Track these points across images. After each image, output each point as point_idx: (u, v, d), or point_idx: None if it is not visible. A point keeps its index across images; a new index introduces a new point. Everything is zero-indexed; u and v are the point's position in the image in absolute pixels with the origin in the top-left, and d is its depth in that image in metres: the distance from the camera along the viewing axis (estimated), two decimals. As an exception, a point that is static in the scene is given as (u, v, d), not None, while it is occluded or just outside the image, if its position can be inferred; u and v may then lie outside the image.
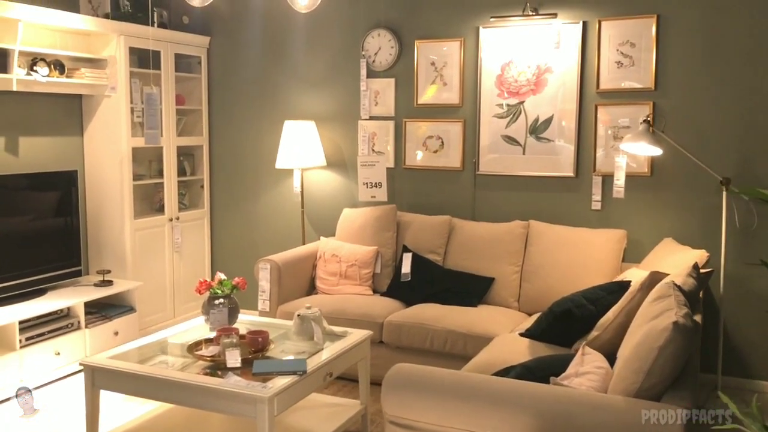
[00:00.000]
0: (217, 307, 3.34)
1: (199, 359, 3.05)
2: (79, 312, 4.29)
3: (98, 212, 4.82)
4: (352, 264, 4.47)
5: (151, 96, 2.98)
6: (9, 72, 4.02)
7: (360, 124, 4.92)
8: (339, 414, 3.26)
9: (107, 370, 2.92)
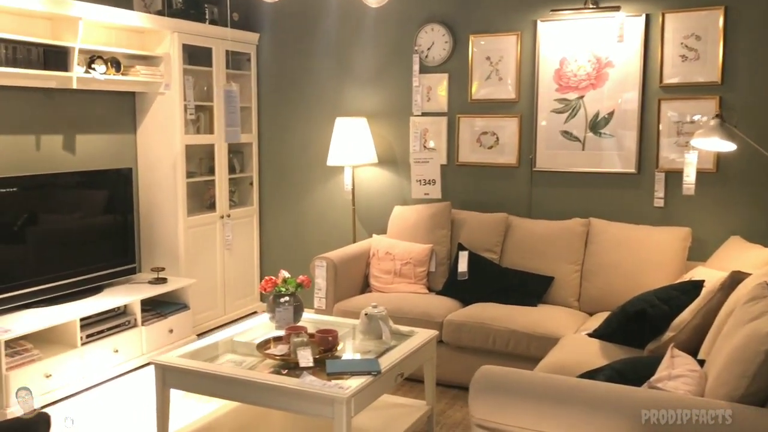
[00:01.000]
0: (283, 305, 3.31)
1: (268, 358, 3.02)
2: (136, 309, 4.30)
3: (151, 210, 4.82)
4: (407, 262, 4.42)
5: (231, 93, 2.96)
6: (69, 70, 4.03)
7: (412, 121, 4.86)
8: (406, 415, 3.21)
9: (179, 369, 2.90)
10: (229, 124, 2.92)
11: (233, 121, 2.91)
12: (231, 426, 3.12)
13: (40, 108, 4.17)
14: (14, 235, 3.88)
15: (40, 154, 4.20)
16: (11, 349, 3.62)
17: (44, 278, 4.02)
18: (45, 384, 3.70)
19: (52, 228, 4.15)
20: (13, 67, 3.75)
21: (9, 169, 3.97)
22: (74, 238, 4.26)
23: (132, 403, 3.79)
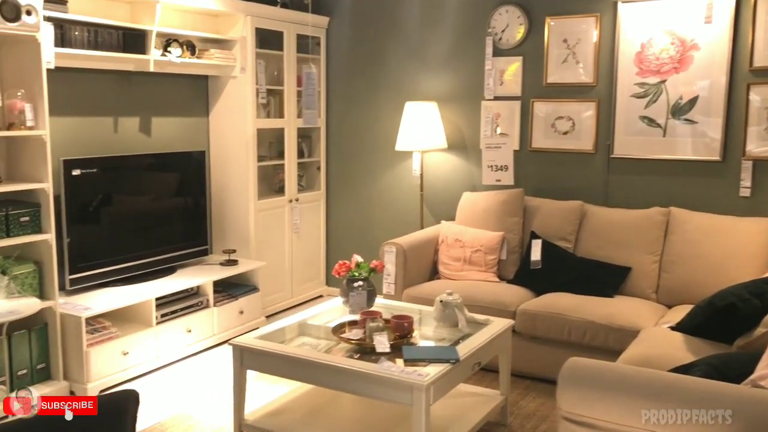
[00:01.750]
0: (357, 290, 3.29)
1: (343, 342, 3.01)
2: (208, 290, 4.35)
3: (222, 192, 4.87)
4: (477, 249, 4.35)
5: (310, 75, 2.94)
6: (147, 53, 4.08)
7: (483, 105, 4.77)
8: (480, 404, 3.16)
9: (256, 351, 2.91)
10: (308, 106, 2.90)
11: (311, 103, 2.88)
12: (304, 408, 3.13)
13: (118, 90, 4.25)
14: (94, 215, 3.97)
15: (118, 136, 4.28)
16: (90, 326, 3.71)
17: (121, 258, 4.11)
18: (122, 361, 3.78)
19: (129, 209, 4.24)
20: (94, 50, 3.82)
21: (89, 150, 4.06)
22: (149, 219, 4.34)
23: (206, 382, 3.84)
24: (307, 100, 2.92)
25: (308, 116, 2.91)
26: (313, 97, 2.94)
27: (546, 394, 3.68)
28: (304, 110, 2.98)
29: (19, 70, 3.48)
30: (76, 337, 3.59)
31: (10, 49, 3.49)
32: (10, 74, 3.49)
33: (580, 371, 2.21)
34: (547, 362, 3.77)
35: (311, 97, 2.92)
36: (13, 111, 3.39)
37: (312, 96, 2.93)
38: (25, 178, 3.56)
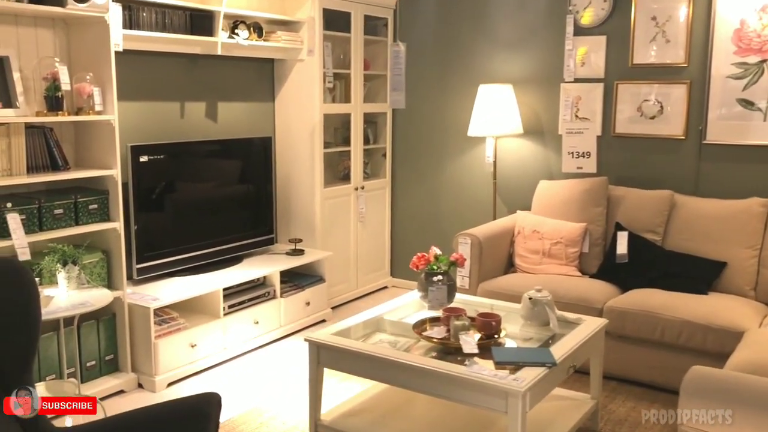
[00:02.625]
0: (436, 285, 3.09)
1: (425, 340, 2.81)
2: (275, 281, 4.22)
3: (287, 180, 4.73)
4: (557, 242, 4.09)
5: (398, 54, 2.74)
6: (214, 35, 3.94)
7: (563, 88, 4.49)
8: (572, 409, 2.94)
9: (334, 348, 2.74)
10: (395, 87, 2.70)
11: (399, 85, 2.68)
12: (381, 409, 2.95)
13: (184, 74, 4.13)
14: (160, 203, 3.86)
15: (183, 122, 4.17)
16: (158, 317, 3.61)
17: (187, 247, 4.00)
18: (190, 354, 3.68)
19: (195, 197, 4.12)
20: (161, 32, 3.70)
21: (155, 136, 3.95)
22: (215, 207, 4.22)
23: (276, 377, 3.71)
24: (394, 81, 2.73)
25: (395, 98, 2.71)
26: (400, 78, 2.75)
27: (635, 398, 3.43)
28: (390, 92, 2.79)
29: (88, 53, 3.37)
30: (145, 329, 3.49)
31: (79, 31, 3.39)
32: (78, 57, 3.40)
33: (707, 382, 1.97)
34: (637, 363, 3.52)
35: (398, 77, 2.73)
36: (82, 95, 3.29)
37: (399, 77, 2.74)
38: (92, 165, 3.46)
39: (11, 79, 3.14)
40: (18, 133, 3.12)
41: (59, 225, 3.24)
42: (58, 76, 3.17)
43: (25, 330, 1.91)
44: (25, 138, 3.15)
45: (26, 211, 3.10)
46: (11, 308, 1.90)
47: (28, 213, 3.10)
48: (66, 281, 2.94)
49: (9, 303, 1.89)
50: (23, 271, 1.92)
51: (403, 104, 2.87)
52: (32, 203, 3.14)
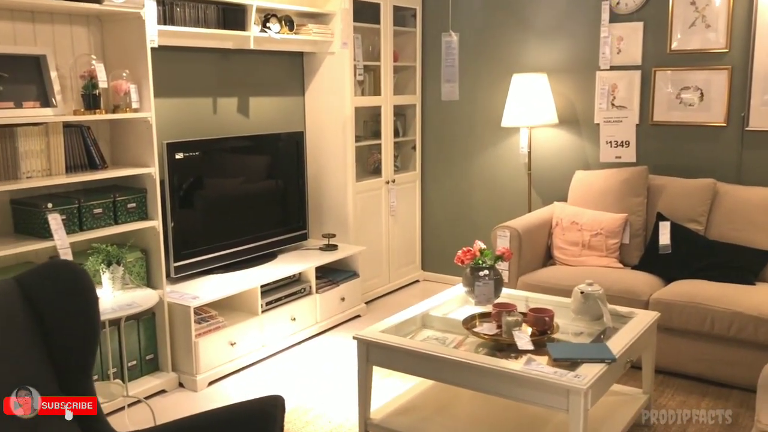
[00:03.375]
0: (483, 279, 3.03)
1: (475, 336, 2.76)
2: (311, 277, 4.18)
3: (319, 174, 4.68)
4: (597, 233, 4.02)
5: (450, 44, 2.68)
6: (246, 29, 3.89)
7: (598, 76, 4.40)
8: (625, 404, 2.88)
9: (386, 346, 2.69)
10: (447, 78, 2.64)
11: (452, 75, 2.62)
12: (431, 406, 2.91)
13: (216, 70, 4.08)
14: (195, 200, 3.82)
15: (216, 118, 4.12)
16: (198, 316, 3.58)
17: (222, 244, 3.96)
18: (230, 352, 3.64)
19: (229, 193, 4.08)
20: (196, 27, 3.65)
21: (189, 132, 3.91)
22: (249, 203, 4.18)
23: (318, 374, 3.67)
24: (446, 71, 2.67)
25: (447, 90, 2.66)
26: (453, 69, 2.69)
27: (685, 391, 3.36)
28: (443, 83, 2.73)
29: (123, 50, 3.33)
30: (185, 327, 3.46)
31: (114, 27, 3.34)
32: (113, 54, 3.35)
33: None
34: (684, 356, 3.45)
35: (451, 68, 2.67)
36: (119, 93, 3.25)
37: (452, 67, 2.67)
38: (129, 163, 3.43)
39: (48, 78, 3.11)
40: (56, 133, 3.09)
41: (99, 224, 3.20)
42: (95, 73, 3.13)
43: (86, 335, 1.87)
44: (63, 137, 3.12)
45: (66, 211, 3.07)
46: (71, 313, 1.86)
47: (68, 213, 3.07)
48: (111, 282, 2.91)
49: (69, 308, 1.86)
50: (82, 274, 1.89)
51: (457, 95, 2.81)
52: (72, 203, 3.10)
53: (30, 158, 3.00)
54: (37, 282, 1.86)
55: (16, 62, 3.03)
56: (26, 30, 3.10)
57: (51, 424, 1.78)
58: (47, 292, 1.85)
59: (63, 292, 1.86)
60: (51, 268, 1.90)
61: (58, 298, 1.85)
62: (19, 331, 1.79)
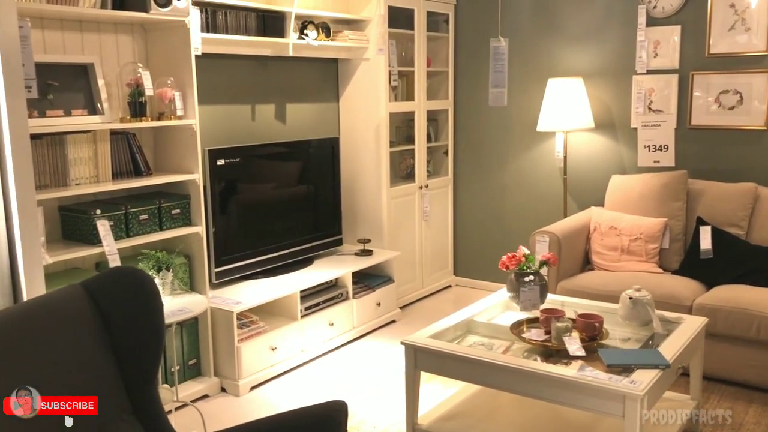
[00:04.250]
0: (528, 285, 3.02)
1: (524, 342, 2.76)
2: (347, 282, 4.19)
3: (353, 180, 4.69)
4: (636, 238, 4.00)
5: (499, 49, 2.68)
6: (285, 36, 3.92)
7: (635, 80, 4.38)
8: (675, 410, 2.85)
9: (434, 352, 2.69)
10: (495, 84, 2.63)
11: (499, 81, 2.61)
12: (479, 412, 2.90)
13: (254, 77, 4.11)
14: (235, 206, 3.84)
15: (254, 124, 4.15)
16: (239, 321, 3.60)
17: (261, 249, 3.98)
18: (271, 357, 3.66)
19: (267, 199, 4.11)
20: (236, 35, 3.68)
21: (228, 139, 3.94)
22: (286, 209, 4.20)
23: (359, 379, 3.68)
24: (494, 77, 2.67)
25: (495, 95, 2.66)
26: (501, 74, 2.69)
27: (731, 398, 3.33)
28: (490, 89, 2.73)
29: (167, 58, 3.37)
30: (227, 332, 3.48)
31: (158, 36, 3.38)
32: (157, 62, 3.39)
33: None
34: (730, 362, 3.42)
35: (500, 74, 2.67)
36: (164, 100, 3.28)
37: (501, 73, 2.68)
38: (172, 169, 3.46)
39: (96, 86, 3.15)
40: (104, 140, 3.13)
41: (144, 230, 3.24)
42: (142, 81, 3.17)
43: (152, 340, 1.89)
44: (110, 144, 3.16)
45: (114, 217, 3.10)
46: (138, 319, 1.88)
47: (115, 219, 3.11)
48: (161, 288, 2.91)
49: (136, 314, 1.88)
50: (148, 280, 1.90)
51: (505, 101, 2.80)
52: (119, 209, 3.14)
53: (78, 165, 3.04)
54: (104, 288, 1.88)
55: (65, 71, 3.08)
56: (74, 39, 3.15)
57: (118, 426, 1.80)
58: (114, 298, 1.87)
59: (130, 298, 1.88)
60: (117, 275, 1.92)
61: (125, 304, 1.87)
62: (89, 336, 1.81)
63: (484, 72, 4.95)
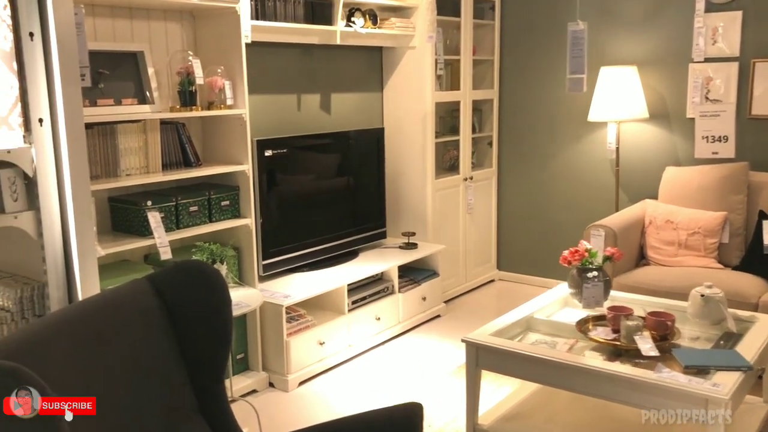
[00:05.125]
0: (591, 281, 2.91)
1: (590, 340, 2.64)
2: (393, 276, 4.10)
3: (396, 171, 4.59)
4: (694, 232, 3.85)
5: (577, 33, 2.55)
6: (333, 24, 3.82)
7: (691, 68, 4.22)
8: (748, 414, 2.72)
9: (498, 350, 2.59)
10: (573, 70, 2.52)
11: (579, 67, 2.50)
12: (541, 413, 2.80)
13: (301, 65, 4.03)
14: (282, 197, 3.76)
15: (301, 114, 4.07)
16: (287, 315, 3.53)
17: (307, 242, 3.90)
18: (319, 351, 3.59)
19: (312, 190, 4.03)
20: (284, 22, 3.59)
21: (275, 129, 3.86)
22: (331, 200, 4.12)
23: (410, 375, 3.59)
24: (573, 63, 2.55)
25: (574, 82, 2.53)
26: (580, 60, 2.56)
27: (800, 400, 3.18)
28: (568, 76, 2.60)
29: (215, 46, 3.29)
30: (276, 327, 3.41)
31: (207, 23, 3.31)
32: (205, 50, 3.32)
33: None
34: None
35: (578, 59, 2.54)
36: (214, 89, 3.21)
37: (580, 59, 2.55)
38: (219, 160, 3.40)
39: (146, 75, 3.08)
40: (154, 130, 3.06)
41: (194, 222, 3.17)
42: (193, 70, 3.09)
43: (221, 337, 1.82)
44: (160, 134, 3.10)
45: (164, 209, 3.04)
46: (206, 315, 1.81)
47: (166, 211, 3.05)
48: (214, 281, 2.84)
49: (204, 309, 1.80)
50: (216, 275, 1.83)
51: (583, 88, 2.67)
52: (169, 201, 3.08)
53: (129, 156, 2.98)
54: (171, 283, 1.81)
55: (116, 59, 3.02)
56: (124, 27, 3.08)
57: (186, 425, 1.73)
58: (181, 293, 1.80)
59: (198, 293, 1.81)
60: (184, 269, 1.84)
61: (192, 300, 1.80)
62: (157, 333, 1.74)
63: (534, 60, 4.82)
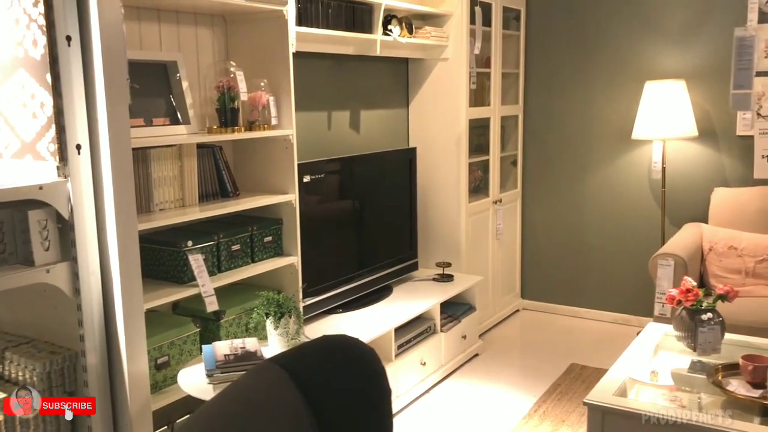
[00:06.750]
0: (708, 324, 2.55)
1: (730, 396, 2.28)
2: (435, 314, 3.67)
3: (426, 195, 4.16)
4: (762, 259, 3.57)
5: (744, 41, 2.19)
6: (374, 32, 3.39)
7: (742, 83, 3.96)
8: None
9: (624, 413, 2.19)
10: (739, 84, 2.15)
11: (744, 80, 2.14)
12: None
13: (332, 78, 3.57)
14: (319, 230, 3.27)
15: (330, 133, 3.60)
16: (332, 366, 3.04)
17: (343, 279, 3.43)
18: (370, 407, 3.11)
19: (348, 220, 3.56)
20: (326, 29, 3.12)
21: (310, 151, 3.38)
22: (366, 232, 3.66)
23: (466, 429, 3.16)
24: (738, 75, 2.18)
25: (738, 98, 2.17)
26: (748, 72, 2.19)
27: None
28: (732, 90, 2.24)
29: (254, 56, 2.81)
30: (326, 382, 2.92)
31: (243, 29, 2.82)
32: (242, 60, 2.81)
33: None
34: None
35: (745, 71, 2.18)
36: (257, 106, 2.72)
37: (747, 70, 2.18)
38: (258, 188, 2.90)
39: (179, 89, 2.57)
40: (190, 155, 2.56)
41: (236, 264, 2.67)
42: (235, 83, 2.60)
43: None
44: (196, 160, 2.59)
45: (206, 249, 2.53)
46: (360, 413, 1.34)
47: (207, 252, 2.53)
48: (282, 340, 2.34)
49: (359, 406, 1.34)
50: (371, 357, 1.36)
51: (751, 105, 2.33)
52: (210, 239, 2.57)
53: (163, 186, 2.47)
54: (314, 372, 1.34)
55: (144, 70, 2.50)
56: (151, 31, 2.57)
57: None
58: (331, 385, 1.33)
59: (351, 384, 1.34)
60: (329, 351, 1.37)
61: (345, 393, 1.33)
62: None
63: (565, 73, 4.50)
